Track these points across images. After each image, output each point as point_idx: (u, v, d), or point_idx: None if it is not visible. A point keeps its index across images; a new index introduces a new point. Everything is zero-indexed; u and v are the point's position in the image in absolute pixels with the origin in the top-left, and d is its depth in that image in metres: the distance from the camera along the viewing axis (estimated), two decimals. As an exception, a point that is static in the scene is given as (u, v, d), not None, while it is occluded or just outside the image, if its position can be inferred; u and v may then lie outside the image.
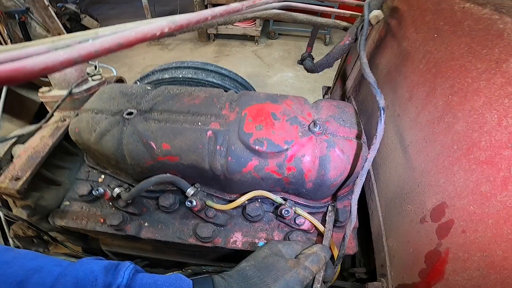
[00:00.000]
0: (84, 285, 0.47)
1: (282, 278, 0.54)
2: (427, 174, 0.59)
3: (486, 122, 0.46)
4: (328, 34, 4.57)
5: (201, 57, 4.37)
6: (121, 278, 0.49)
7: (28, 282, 0.46)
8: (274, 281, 0.53)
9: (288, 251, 0.61)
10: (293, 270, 0.55)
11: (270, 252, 0.60)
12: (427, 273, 0.55)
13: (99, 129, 0.79)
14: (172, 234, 0.85)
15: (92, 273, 0.49)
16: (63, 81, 1.02)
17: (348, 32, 0.95)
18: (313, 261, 0.58)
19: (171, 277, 0.52)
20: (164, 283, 0.51)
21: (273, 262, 0.57)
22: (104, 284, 0.48)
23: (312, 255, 0.60)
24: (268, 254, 0.60)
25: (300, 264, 0.57)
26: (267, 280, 0.54)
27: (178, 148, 0.75)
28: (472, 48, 0.51)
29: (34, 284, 0.46)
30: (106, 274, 0.49)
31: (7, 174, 0.81)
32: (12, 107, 1.24)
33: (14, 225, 0.95)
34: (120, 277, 0.49)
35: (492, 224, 0.43)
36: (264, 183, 0.77)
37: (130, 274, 0.50)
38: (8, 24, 3.26)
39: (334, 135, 0.77)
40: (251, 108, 0.81)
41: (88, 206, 0.90)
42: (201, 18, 0.46)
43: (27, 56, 0.27)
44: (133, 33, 0.34)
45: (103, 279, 0.48)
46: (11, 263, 0.48)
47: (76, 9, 4.61)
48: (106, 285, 0.48)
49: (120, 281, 0.48)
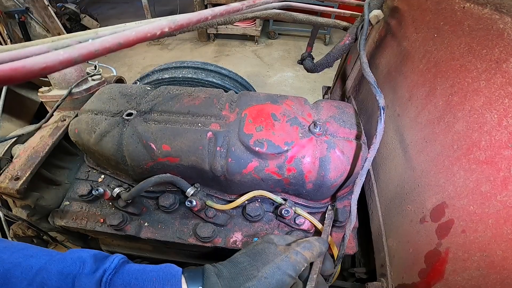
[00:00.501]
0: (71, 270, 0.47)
1: (273, 261, 0.53)
2: (427, 174, 0.59)
3: (486, 122, 0.46)
4: (328, 34, 4.57)
5: (201, 57, 4.37)
6: (109, 263, 0.49)
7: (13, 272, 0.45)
8: (264, 264, 0.52)
9: (280, 241, 0.60)
10: (283, 254, 0.54)
11: (261, 240, 0.60)
12: (427, 273, 0.55)
13: (98, 130, 0.79)
14: (172, 234, 0.85)
15: (80, 259, 0.48)
16: (62, 81, 1.02)
17: (348, 32, 0.95)
18: (304, 247, 0.56)
19: (161, 265, 0.52)
20: (153, 269, 0.50)
21: (263, 248, 0.57)
22: (91, 269, 0.47)
23: (303, 242, 0.58)
24: (259, 242, 0.59)
25: (291, 249, 0.56)
26: (256, 264, 0.53)
27: (178, 149, 0.75)
28: (472, 48, 0.51)
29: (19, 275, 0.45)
30: (95, 261, 0.49)
31: (7, 174, 0.81)
32: (12, 107, 1.24)
33: (14, 225, 0.95)
34: (108, 262, 0.49)
35: (492, 224, 0.43)
36: (264, 184, 0.77)
37: (120, 261, 0.50)
38: (8, 24, 3.27)
39: (334, 136, 0.77)
40: (251, 109, 0.81)
41: (88, 206, 0.90)
42: (201, 17, 0.46)
43: (27, 56, 0.27)
44: (133, 33, 0.34)
45: (91, 264, 0.48)
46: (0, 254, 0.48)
47: (76, 9, 4.61)
48: (93, 269, 0.47)
49: (108, 265, 0.48)
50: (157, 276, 0.49)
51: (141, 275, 0.49)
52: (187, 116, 0.81)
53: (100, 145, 0.79)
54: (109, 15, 5.81)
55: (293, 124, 0.77)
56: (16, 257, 0.48)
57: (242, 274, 0.52)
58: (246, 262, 0.54)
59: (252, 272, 0.52)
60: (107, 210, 0.89)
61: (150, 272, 0.50)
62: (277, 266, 0.52)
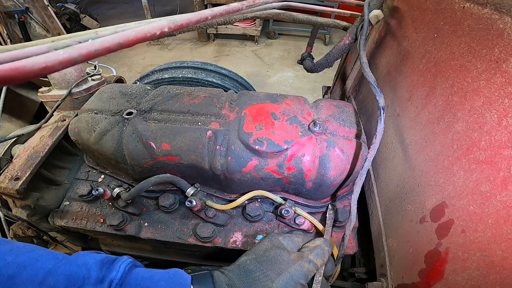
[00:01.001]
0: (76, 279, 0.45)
1: (286, 271, 0.52)
2: (427, 174, 0.59)
3: (486, 121, 0.46)
4: (328, 34, 4.57)
5: (201, 57, 4.37)
6: (115, 272, 0.46)
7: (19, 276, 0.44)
8: (278, 274, 0.51)
9: (290, 244, 0.59)
10: (297, 263, 0.53)
11: (271, 245, 0.58)
12: (426, 273, 0.55)
13: (98, 129, 0.79)
14: (172, 234, 0.85)
15: (85, 266, 0.46)
16: (62, 81, 1.02)
17: (348, 32, 0.95)
18: (317, 254, 0.56)
19: (169, 272, 0.50)
20: (161, 277, 0.48)
21: (275, 255, 0.55)
22: (97, 278, 0.45)
23: (316, 248, 0.57)
24: (269, 247, 0.57)
25: (304, 257, 0.55)
26: (270, 274, 0.52)
27: (178, 148, 0.75)
28: (472, 47, 0.51)
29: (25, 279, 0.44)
30: (100, 268, 0.47)
31: (7, 174, 0.81)
32: (12, 107, 1.24)
33: (14, 225, 0.95)
34: (114, 271, 0.46)
35: (491, 224, 0.43)
36: (264, 183, 0.77)
37: (126, 269, 0.47)
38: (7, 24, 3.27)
39: (334, 135, 0.77)
40: (251, 107, 0.81)
41: (88, 206, 0.90)
42: (201, 18, 0.46)
43: (27, 56, 0.27)
44: (133, 33, 0.34)
45: (97, 273, 0.46)
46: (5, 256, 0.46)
47: (76, 9, 4.61)
48: (100, 279, 0.45)
49: (114, 275, 0.46)
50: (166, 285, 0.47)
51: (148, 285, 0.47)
52: (187, 115, 0.81)
53: (100, 144, 0.79)
54: (109, 15, 5.81)
55: (293, 123, 0.77)
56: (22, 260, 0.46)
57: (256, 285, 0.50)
58: (257, 271, 0.53)
59: (266, 283, 0.51)
60: (107, 210, 0.89)
61: (159, 281, 0.48)
62: (290, 277, 0.51)
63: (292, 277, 0.51)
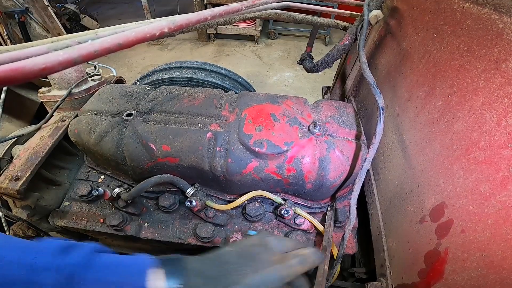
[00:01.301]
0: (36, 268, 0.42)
1: (261, 271, 0.49)
2: (426, 174, 0.59)
3: (485, 122, 0.46)
4: (328, 34, 4.57)
5: (201, 57, 4.37)
6: (75, 258, 0.44)
7: None
8: (253, 272, 0.49)
9: (278, 246, 0.56)
10: (274, 266, 0.51)
11: (258, 242, 0.56)
12: (426, 273, 0.55)
13: (98, 130, 0.79)
14: (172, 234, 0.85)
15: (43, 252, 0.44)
16: (62, 81, 1.02)
17: (348, 32, 0.95)
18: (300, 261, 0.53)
19: (131, 258, 0.49)
20: (121, 263, 0.47)
21: (257, 252, 0.53)
22: (58, 266, 0.43)
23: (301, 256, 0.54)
24: (255, 244, 0.56)
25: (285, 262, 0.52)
26: (245, 270, 0.49)
27: (178, 149, 0.75)
28: (472, 48, 0.51)
29: None
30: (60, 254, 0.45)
31: (7, 174, 0.81)
32: (12, 108, 1.24)
33: (14, 225, 0.95)
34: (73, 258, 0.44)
35: (491, 224, 0.43)
36: (264, 184, 0.77)
37: (87, 255, 0.46)
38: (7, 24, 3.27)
39: (333, 136, 0.77)
40: (251, 109, 0.81)
41: (88, 206, 0.90)
42: (201, 18, 0.46)
43: (26, 56, 0.27)
44: (132, 33, 0.34)
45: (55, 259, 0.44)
46: None
47: (76, 9, 4.61)
48: (61, 266, 0.43)
49: (72, 261, 0.44)
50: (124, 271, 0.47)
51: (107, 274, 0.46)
52: (187, 116, 0.81)
53: (100, 146, 0.79)
54: (109, 15, 5.81)
55: (293, 124, 0.77)
56: None
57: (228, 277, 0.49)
58: (234, 263, 0.51)
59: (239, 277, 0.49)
60: (107, 210, 0.89)
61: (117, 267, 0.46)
62: (262, 278, 0.49)
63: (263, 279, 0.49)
